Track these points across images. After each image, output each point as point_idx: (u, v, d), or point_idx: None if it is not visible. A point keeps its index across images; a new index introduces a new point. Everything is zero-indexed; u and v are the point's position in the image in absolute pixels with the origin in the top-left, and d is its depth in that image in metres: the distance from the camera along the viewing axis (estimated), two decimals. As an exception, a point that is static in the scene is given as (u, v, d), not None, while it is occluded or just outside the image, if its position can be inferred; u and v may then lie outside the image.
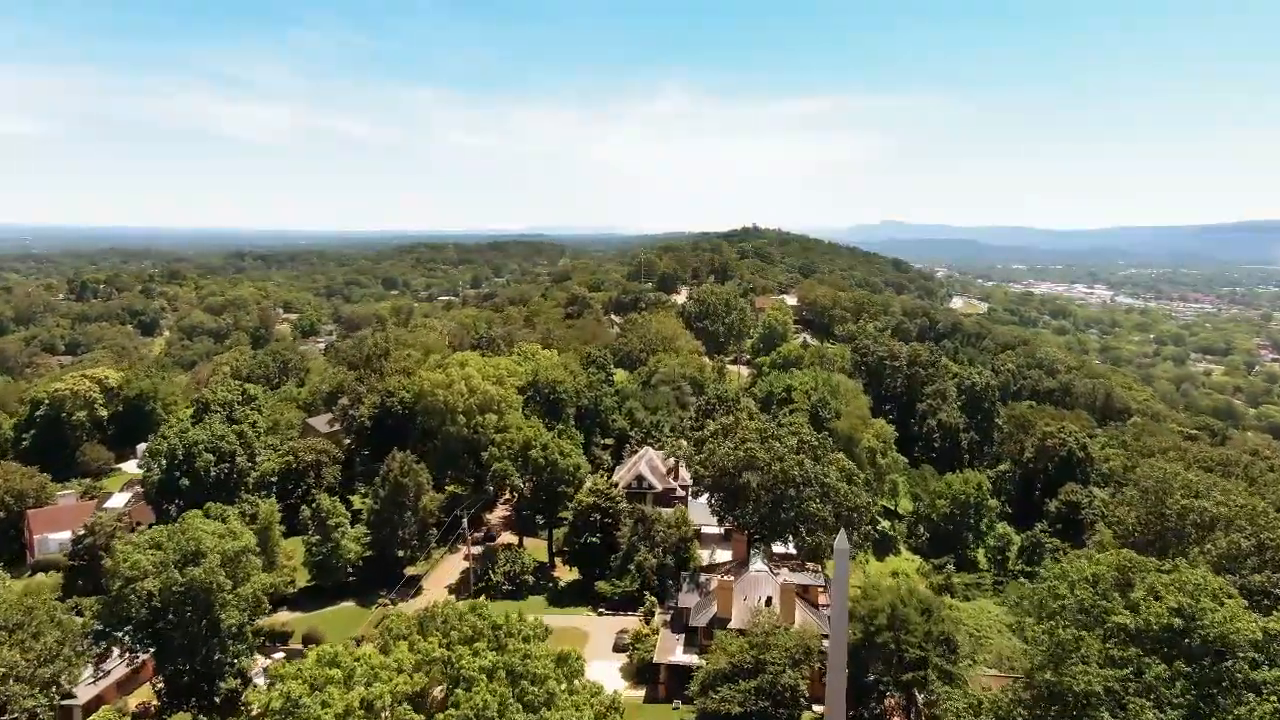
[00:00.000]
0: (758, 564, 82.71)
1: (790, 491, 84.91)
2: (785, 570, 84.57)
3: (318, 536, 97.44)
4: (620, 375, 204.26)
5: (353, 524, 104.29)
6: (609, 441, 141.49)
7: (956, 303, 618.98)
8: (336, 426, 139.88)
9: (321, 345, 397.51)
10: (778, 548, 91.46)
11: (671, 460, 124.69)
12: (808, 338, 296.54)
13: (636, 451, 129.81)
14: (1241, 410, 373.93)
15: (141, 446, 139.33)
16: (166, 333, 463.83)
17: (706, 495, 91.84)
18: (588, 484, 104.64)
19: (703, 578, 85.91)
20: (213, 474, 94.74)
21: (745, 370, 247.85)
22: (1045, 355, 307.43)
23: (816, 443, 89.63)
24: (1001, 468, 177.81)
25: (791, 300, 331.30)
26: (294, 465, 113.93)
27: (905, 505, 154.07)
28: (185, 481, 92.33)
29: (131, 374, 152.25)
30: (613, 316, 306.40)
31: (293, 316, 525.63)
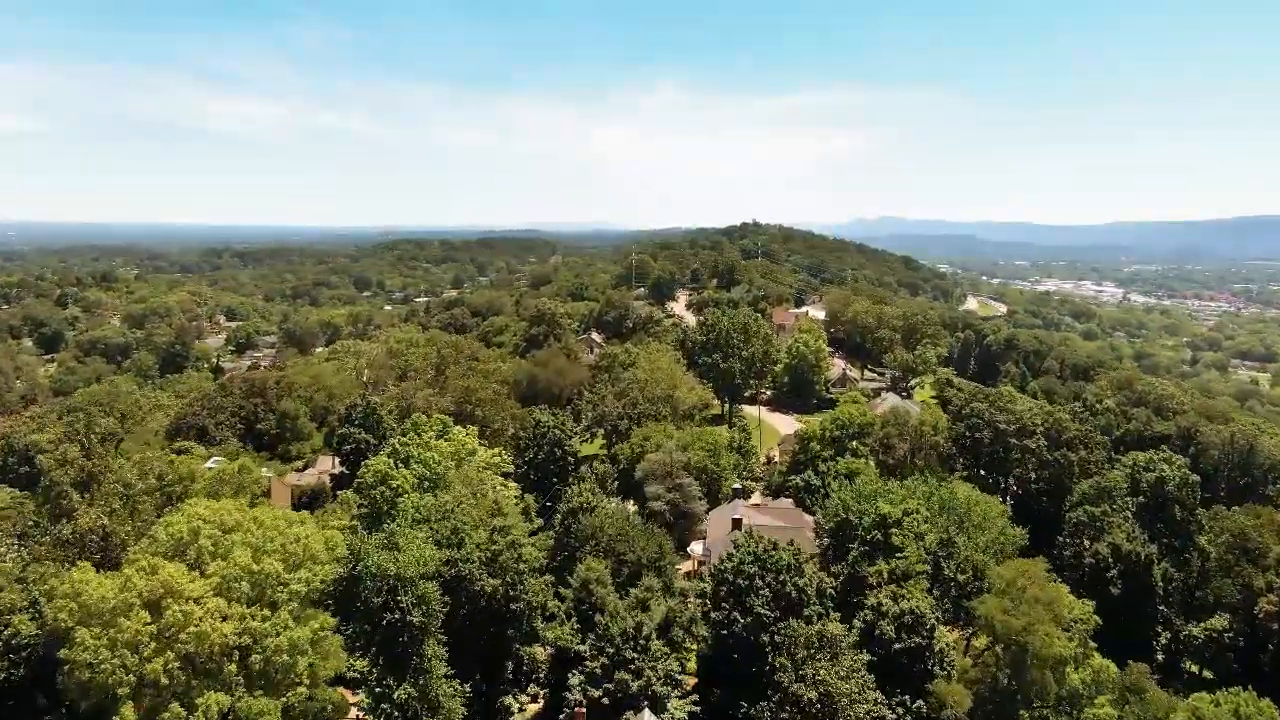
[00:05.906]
0: None
1: None
2: None
3: None
4: (590, 448, 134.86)
5: None
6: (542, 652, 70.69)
7: (970, 303, 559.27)
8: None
9: (247, 364, 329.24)
10: None
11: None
12: (847, 369, 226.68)
13: (588, 709, 59.69)
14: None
15: None
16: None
17: None
18: None
19: None
20: None
21: (766, 414, 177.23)
22: (1148, 387, 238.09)
23: None
24: (1212, 624, 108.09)
25: (817, 313, 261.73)
26: None
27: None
28: None
29: None
30: (594, 335, 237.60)
31: (234, 325, 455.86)
